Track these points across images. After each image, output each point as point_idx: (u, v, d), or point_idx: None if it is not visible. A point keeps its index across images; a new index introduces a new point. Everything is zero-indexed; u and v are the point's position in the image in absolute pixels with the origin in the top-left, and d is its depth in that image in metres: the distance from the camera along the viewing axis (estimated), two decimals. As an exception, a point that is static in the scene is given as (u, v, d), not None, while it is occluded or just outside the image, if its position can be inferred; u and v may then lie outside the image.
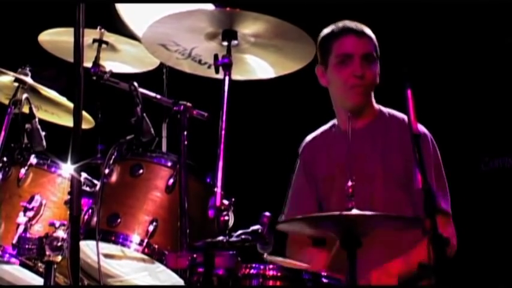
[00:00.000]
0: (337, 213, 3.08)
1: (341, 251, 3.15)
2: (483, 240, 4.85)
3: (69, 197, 2.92)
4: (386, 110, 4.02)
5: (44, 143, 3.88)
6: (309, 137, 4.15)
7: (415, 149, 3.04)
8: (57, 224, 3.57)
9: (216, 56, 3.34)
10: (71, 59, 2.85)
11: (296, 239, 3.99)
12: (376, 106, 4.01)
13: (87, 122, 4.08)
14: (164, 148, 4.27)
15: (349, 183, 3.10)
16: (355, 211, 3.04)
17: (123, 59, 4.02)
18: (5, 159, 3.87)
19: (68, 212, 2.89)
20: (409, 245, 3.68)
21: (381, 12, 5.14)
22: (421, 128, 3.87)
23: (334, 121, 4.08)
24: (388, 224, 3.31)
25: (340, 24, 3.97)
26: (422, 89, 3.25)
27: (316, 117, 4.16)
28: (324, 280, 3.19)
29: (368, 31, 3.95)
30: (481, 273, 5.10)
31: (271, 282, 3.16)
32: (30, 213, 3.66)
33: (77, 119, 2.79)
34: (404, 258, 3.71)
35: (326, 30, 4.01)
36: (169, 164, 3.53)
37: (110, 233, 3.42)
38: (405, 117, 3.91)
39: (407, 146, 3.70)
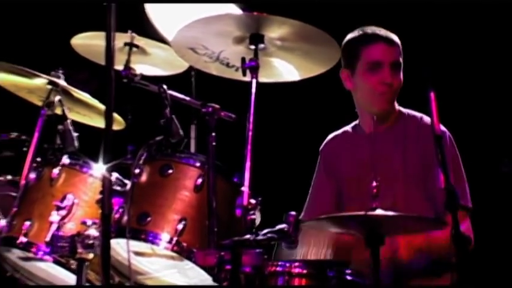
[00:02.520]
0: (362, 213, 3.14)
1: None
2: (503, 241, 4.83)
3: (100, 196, 2.93)
4: (405, 110, 4.04)
5: (76, 143, 3.90)
6: (330, 136, 4.16)
7: (438, 150, 3.08)
8: (89, 222, 3.60)
9: (243, 59, 3.38)
10: (103, 62, 2.86)
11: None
12: (397, 107, 4.03)
13: (118, 123, 4.12)
14: (193, 149, 4.29)
15: (374, 184, 3.15)
16: (379, 211, 3.09)
17: (153, 62, 4.06)
18: (38, 159, 3.90)
19: (100, 211, 2.91)
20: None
21: (402, 15, 5.14)
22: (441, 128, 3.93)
23: (356, 122, 4.09)
24: (411, 224, 3.36)
25: (369, 30, 3.97)
26: (444, 90, 3.27)
27: (340, 118, 4.17)
28: (348, 278, 3.24)
29: (396, 38, 3.96)
30: (501, 274, 5.09)
31: (296, 280, 3.20)
32: (62, 212, 3.68)
33: (108, 120, 2.79)
34: (426, 237, 3.72)
35: (353, 35, 4.00)
36: (197, 164, 3.54)
37: (140, 231, 3.44)
38: (423, 116, 3.95)
39: (424, 145, 3.78)
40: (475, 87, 5.36)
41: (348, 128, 4.14)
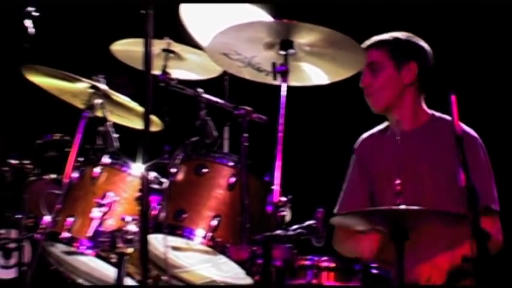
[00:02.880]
0: (387, 208, 3.27)
1: (389, 243, 3.31)
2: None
3: (139, 194, 3.00)
4: (438, 114, 4.15)
5: (116, 144, 3.98)
6: (365, 135, 4.28)
7: (458, 149, 3.21)
8: (128, 218, 3.67)
9: (274, 64, 3.50)
10: (141, 67, 2.94)
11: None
12: (428, 111, 4.16)
13: (156, 125, 4.15)
14: (226, 149, 4.32)
15: (397, 181, 3.27)
16: (402, 207, 3.20)
17: (188, 67, 4.12)
18: (81, 159, 3.98)
19: (138, 208, 2.98)
20: (454, 238, 3.78)
21: (424, 21, 5.19)
22: (472, 132, 4.03)
23: (388, 122, 4.22)
24: (434, 219, 3.45)
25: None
26: (468, 90, 3.33)
27: (366, 120, 4.27)
28: (374, 271, 3.32)
29: (377, 40, 4.11)
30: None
31: (324, 273, 3.29)
32: (103, 209, 3.76)
33: (147, 122, 2.88)
34: (450, 253, 3.82)
35: None
36: (231, 163, 3.63)
37: (177, 227, 3.54)
38: None
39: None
40: (497, 87, 5.37)
41: (382, 127, 4.26)
